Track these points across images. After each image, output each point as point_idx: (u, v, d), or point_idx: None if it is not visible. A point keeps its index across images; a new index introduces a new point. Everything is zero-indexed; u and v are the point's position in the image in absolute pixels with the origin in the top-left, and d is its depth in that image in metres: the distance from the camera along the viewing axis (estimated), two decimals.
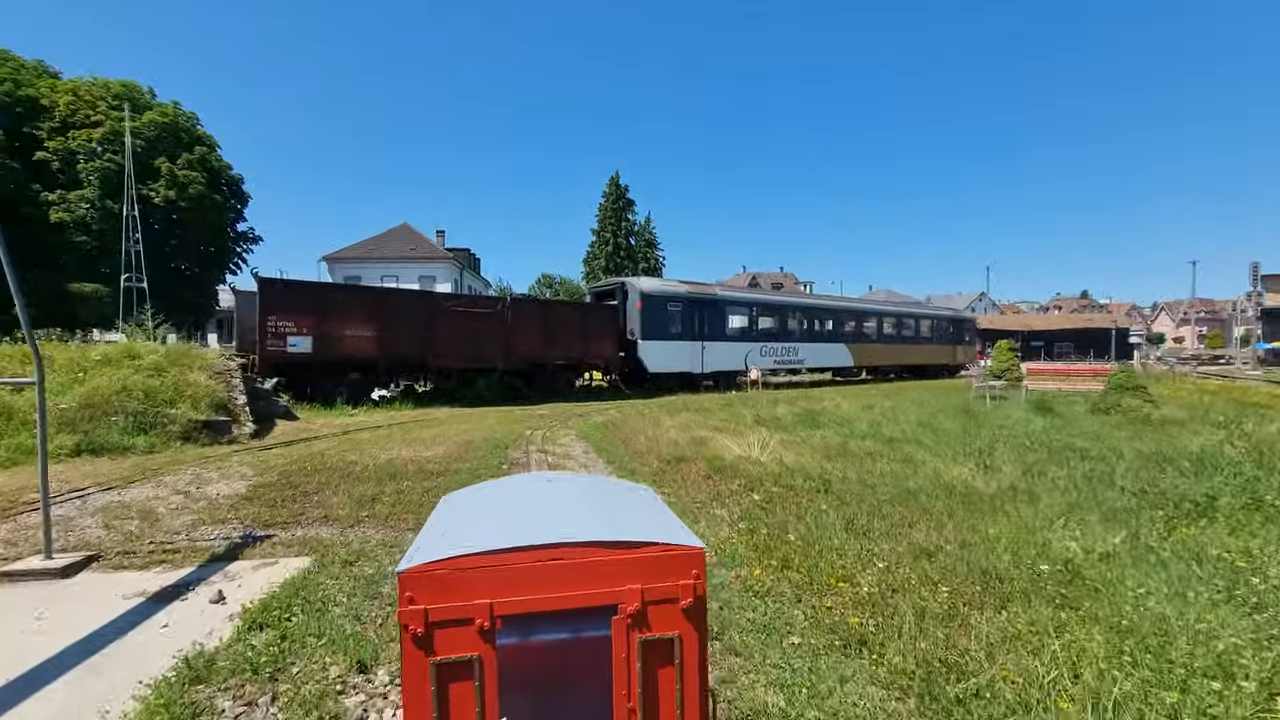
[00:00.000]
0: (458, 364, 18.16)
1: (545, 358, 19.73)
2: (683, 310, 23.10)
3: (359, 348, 16.42)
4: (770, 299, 26.53)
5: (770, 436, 9.80)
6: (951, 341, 35.01)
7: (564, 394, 20.64)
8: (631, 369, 22.42)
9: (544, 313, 19.64)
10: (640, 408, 17.08)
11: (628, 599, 1.41)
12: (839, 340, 28.76)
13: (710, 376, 24.03)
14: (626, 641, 1.41)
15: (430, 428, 12.89)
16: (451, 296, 18.17)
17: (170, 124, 43.77)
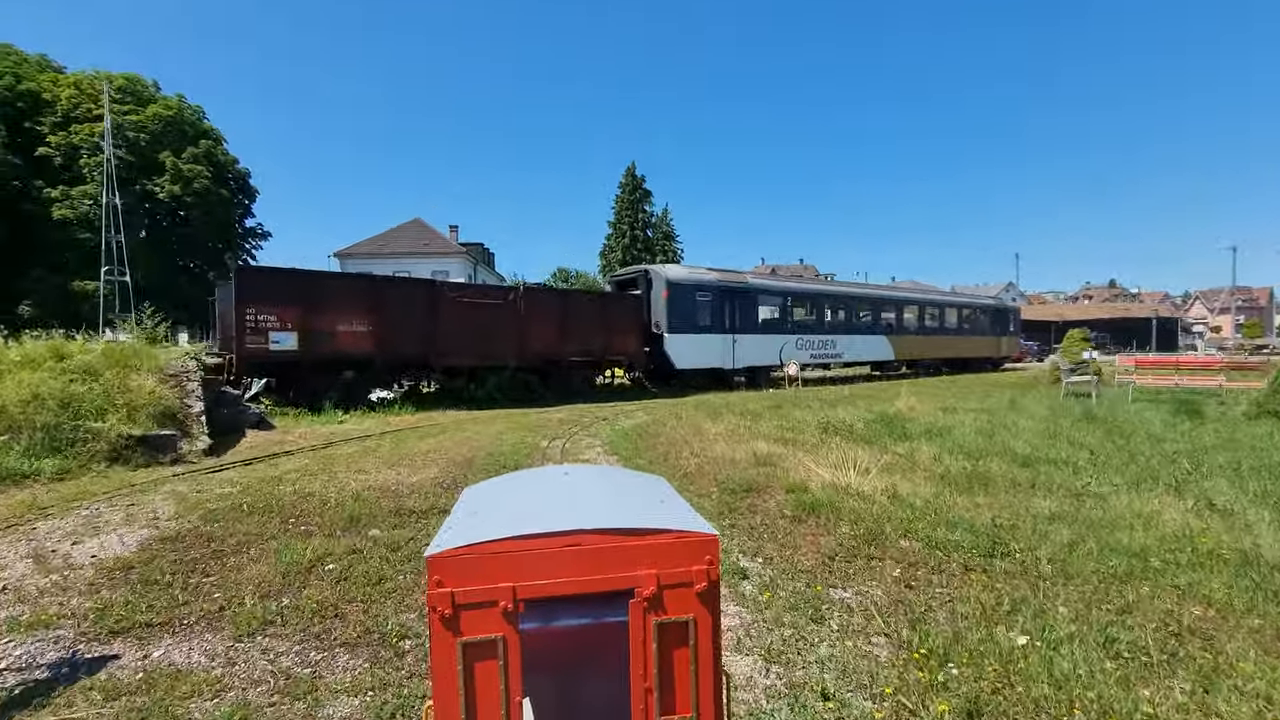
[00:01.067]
0: (465, 361, 15.96)
1: (562, 353, 17.49)
2: (712, 300, 20.74)
3: (353, 344, 14.27)
4: (807, 288, 24.12)
5: (858, 453, 7.46)
6: (995, 333, 32.27)
7: (583, 394, 18.40)
8: (657, 365, 20.13)
9: (561, 304, 17.42)
10: (673, 409, 14.78)
11: (644, 583, 1.43)
12: (878, 332, 26.23)
13: (742, 372, 21.67)
14: (643, 624, 1.43)
15: (427, 437, 10.69)
16: (457, 285, 15.98)
17: (175, 117, 42.08)
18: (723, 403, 15.58)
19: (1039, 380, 21.31)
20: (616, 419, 13.56)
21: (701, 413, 13.45)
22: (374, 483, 7.04)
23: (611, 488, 1.90)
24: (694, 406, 14.96)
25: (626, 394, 19.30)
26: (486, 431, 11.42)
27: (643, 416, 13.66)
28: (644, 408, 15.51)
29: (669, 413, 14.06)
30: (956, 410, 12.00)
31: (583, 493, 1.79)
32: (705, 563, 1.46)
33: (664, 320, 19.71)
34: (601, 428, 12.22)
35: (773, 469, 7.22)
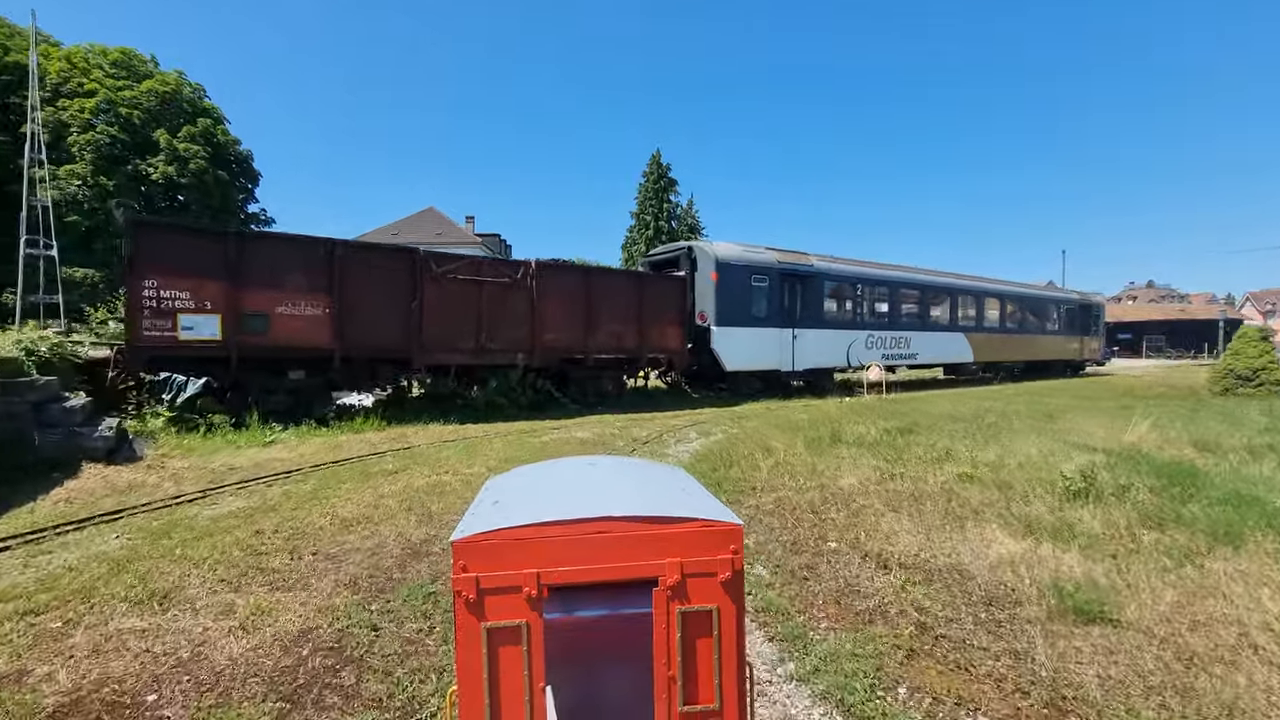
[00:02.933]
0: (458, 358, 11.84)
1: (586, 349, 13.31)
2: (770, 286, 16.44)
3: (301, 333, 10.21)
4: (883, 274, 19.66)
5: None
6: (1079, 332, 27.58)
7: (611, 401, 14.22)
8: (701, 366, 15.90)
9: (584, 285, 13.27)
10: (742, 429, 10.53)
11: (668, 572, 1.41)
12: (956, 329, 21.74)
13: (801, 375, 17.35)
14: (667, 612, 1.42)
15: (374, 479, 6.56)
16: (448, 258, 11.84)
17: (172, 94, 38.51)
18: (804, 418, 11.29)
19: (1194, 389, 16.67)
20: (665, 442, 9.36)
21: (790, 435, 9.15)
22: (110, 672, 2.90)
23: (635, 477, 1.87)
24: (771, 425, 10.68)
25: (663, 401, 15.07)
26: (473, 466, 7.27)
27: (704, 443, 9.41)
28: (695, 423, 11.28)
29: (743, 433, 9.78)
30: (1216, 445, 7.55)
31: (606, 482, 1.79)
32: (730, 552, 1.43)
33: (711, 310, 15.45)
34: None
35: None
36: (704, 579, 1.43)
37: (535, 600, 1.36)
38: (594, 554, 1.41)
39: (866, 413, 11.82)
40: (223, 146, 40.01)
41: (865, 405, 13.74)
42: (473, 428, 10.78)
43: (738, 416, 12.38)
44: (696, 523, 1.45)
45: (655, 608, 1.41)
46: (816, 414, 12.00)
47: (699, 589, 1.43)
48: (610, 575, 1.41)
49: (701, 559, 1.43)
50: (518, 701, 1.36)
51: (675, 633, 1.41)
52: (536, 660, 1.36)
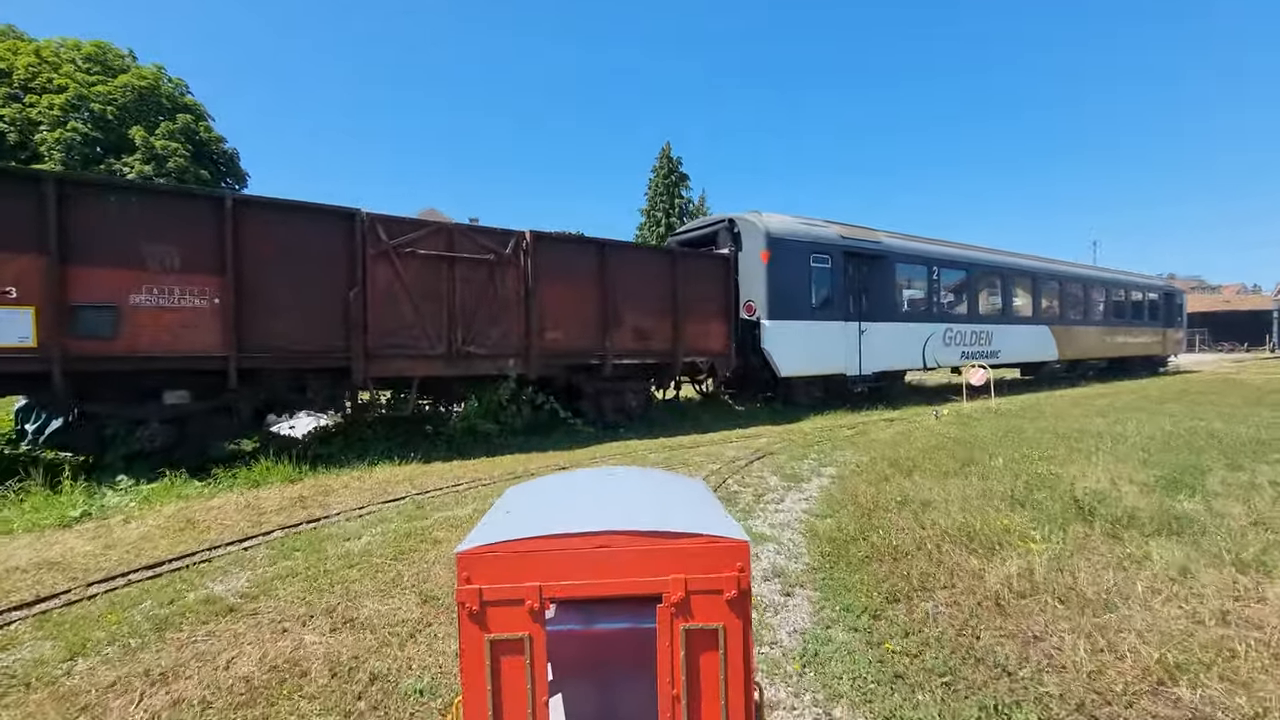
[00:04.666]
0: (423, 367, 8.18)
1: (603, 352, 9.63)
2: (832, 269, 12.70)
3: (174, 334, 6.61)
4: (962, 254, 15.79)
5: None
6: (1162, 324, 23.64)
7: (636, 419, 10.53)
8: (747, 371, 12.19)
9: (599, 265, 9.59)
10: (843, 468, 6.77)
11: (672, 588, 1.37)
12: (1040, 321, 17.91)
13: (868, 380, 13.57)
14: (670, 630, 1.37)
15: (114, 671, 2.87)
16: (405, 223, 8.18)
17: (150, 89, 35.31)
18: (921, 447, 7.51)
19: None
20: (736, 497, 5.63)
21: (952, 491, 5.37)
22: None
23: (650, 490, 1.83)
24: (887, 461, 6.88)
25: (701, 418, 11.36)
26: (406, 577, 3.60)
27: (795, 500, 5.66)
28: (759, 453, 7.55)
29: (858, 486, 5.96)
30: None
31: (619, 494, 1.74)
32: (735, 570, 1.38)
33: (762, 299, 11.73)
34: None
35: None
36: (709, 596, 1.36)
37: (538, 613, 1.34)
38: (597, 568, 1.36)
39: (1016, 438, 8.06)
40: (205, 144, 36.72)
41: (964, 414, 9.94)
42: (438, 470, 7.13)
43: (813, 442, 8.64)
44: (701, 538, 1.39)
45: (659, 624, 1.37)
46: (934, 439, 8.23)
47: (704, 606, 1.36)
48: (613, 590, 1.37)
49: (706, 576, 1.37)
50: (521, 713, 1.33)
51: (679, 651, 1.36)
52: (540, 673, 1.34)
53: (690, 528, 1.42)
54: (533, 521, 1.47)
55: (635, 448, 8.63)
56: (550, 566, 1.36)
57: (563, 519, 1.47)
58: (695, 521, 1.47)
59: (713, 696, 1.37)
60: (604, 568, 1.37)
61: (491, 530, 1.47)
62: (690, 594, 1.36)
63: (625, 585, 1.37)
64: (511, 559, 1.35)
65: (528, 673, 1.33)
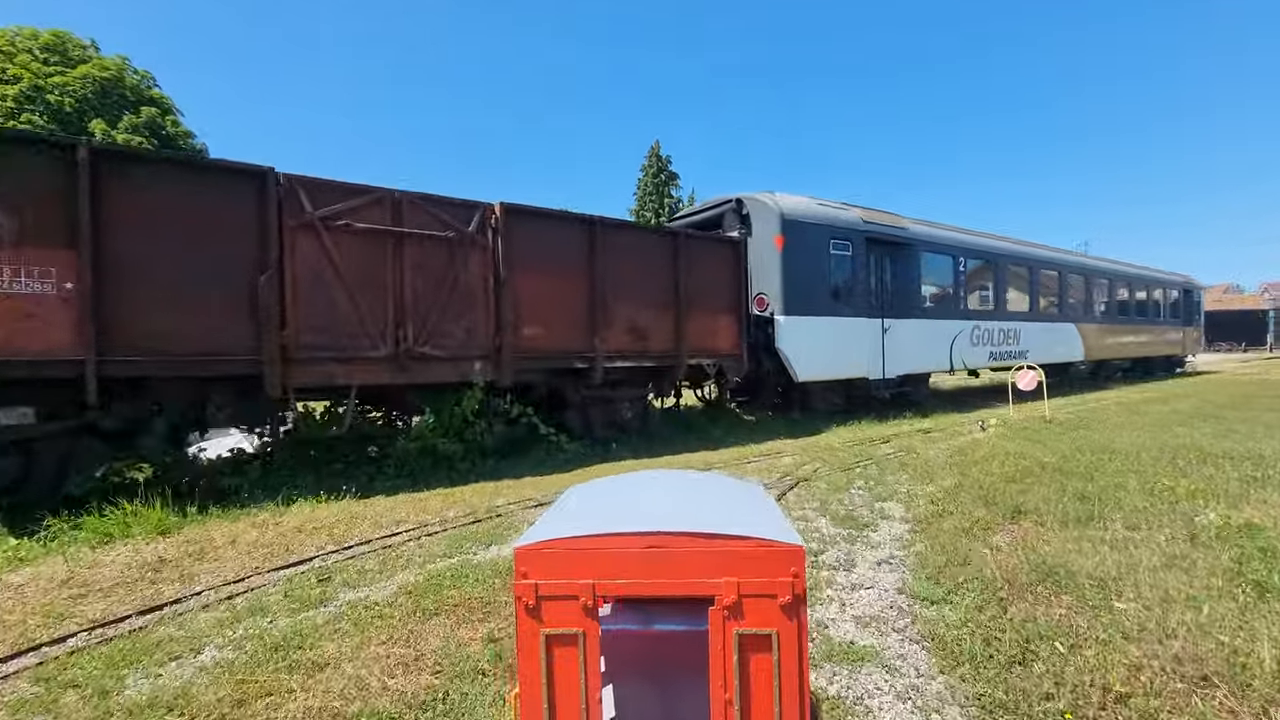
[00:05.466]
0: (362, 373, 6.35)
1: (591, 352, 7.86)
2: (853, 258, 11.03)
3: (9, 331, 4.79)
4: (989, 244, 14.09)
5: None
6: (1183, 322, 22.22)
7: (632, 434, 8.78)
8: (757, 375, 10.47)
9: (587, 248, 7.79)
10: (919, 507, 5.02)
11: (724, 591, 1.35)
12: (1066, 318, 16.36)
13: (892, 384, 11.89)
14: (723, 633, 1.35)
15: None
16: (336, 188, 6.40)
17: (113, 81, 33.20)
18: (1001, 473, 5.78)
19: None
20: None
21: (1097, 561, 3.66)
22: None
23: (706, 491, 1.78)
24: (975, 497, 5.15)
25: (709, 431, 9.61)
26: None
27: (889, 581, 3.89)
28: (789, 479, 5.81)
29: (952, 537, 4.19)
30: None
31: (676, 495, 1.71)
32: (790, 575, 1.34)
33: (776, 291, 10.03)
34: None
35: None
36: (763, 600, 1.32)
37: (591, 610, 1.33)
38: (650, 568, 1.35)
39: (1112, 459, 6.37)
40: (172, 139, 34.55)
41: (1055, 437, 8.24)
42: (376, 509, 5.34)
43: (851, 463, 6.92)
44: (754, 541, 1.36)
45: (711, 627, 1.34)
46: (1005, 459, 6.52)
47: (757, 611, 1.33)
48: (666, 590, 1.36)
49: (760, 580, 1.33)
50: (575, 706, 1.32)
51: (732, 655, 1.33)
52: (593, 667, 1.33)
53: (744, 530, 1.38)
54: (589, 519, 1.48)
55: (633, 470, 6.88)
56: (604, 564, 1.35)
57: (618, 518, 1.48)
58: (749, 524, 1.44)
59: (766, 703, 1.32)
60: (657, 568, 1.35)
61: (549, 526, 1.49)
62: (743, 597, 1.32)
63: (678, 586, 1.34)
64: (567, 555, 1.36)
65: (581, 667, 1.33)
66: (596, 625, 1.35)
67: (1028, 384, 10.24)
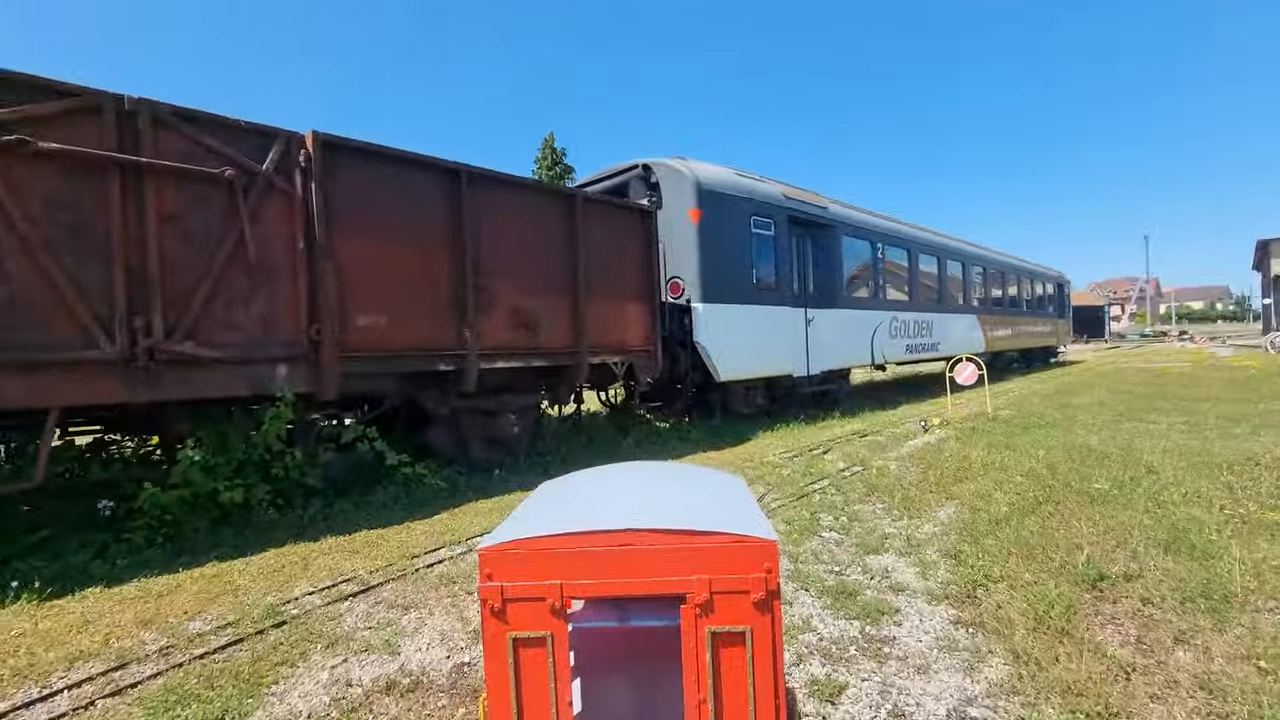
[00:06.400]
0: (65, 388, 3.96)
1: (460, 348, 5.80)
2: (777, 238, 9.68)
3: None
4: (904, 230, 13.14)
5: None
6: (1056, 314, 23.34)
7: (519, 455, 6.80)
8: (673, 375, 8.81)
9: (451, 205, 5.71)
10: (953, 563, 3.46)
11: (696, 588, 1.30)
12: (969, 310, 16.18)
13: (815, 381, 10.70)
14: (695, 631, 1.30)
15: None
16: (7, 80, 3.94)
17: None
18: (1010, 489, 4.44)
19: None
20: None
21: None
22: None
23: (681, 486, 1.71)
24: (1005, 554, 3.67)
25: (616, 445, 7.84)
26: None
27: None
28: None
29: (1026, 642, 2.62)
30: None
31: (648, 490, 1.65)
32: (763, 570, 1.29)
33: (693, 274, 8.45)
34: None
35: None
36: (735, 597, 1.28)
37: (559, 610, 1.29)
38: (620, 567, 1.31)
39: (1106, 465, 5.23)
40: None
41: (1016, 438, 7.17)
42: (68, 619, 3.04)
43: (800, 484, 5.41)
44: (726, 537, 1.31)
45: (684, 625, 1.30)
46: (989, 470, 5.23)
47: (730, 608, 1.28)
48: (636, 590, 1.32)
49: (732, 576, 1.29)
50: (544, 708, 1.29)
51: (705, 653, 1.29)
52: (562, 669, 1.30)
53: (715, 526, 1.34)
54: (557, 518, 1.42)
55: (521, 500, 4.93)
56: (572, 564, 1.30)
57: (587, 516, 1.41)
58: (721, 520, 1.39)
59: (740, 700, 1.28)
60: (627, 566, 1.31)
61: (515, 527, 1.43)
62: (715, 594, 1.29)
63: (649, 585, 1.31)
64: (533, 556, 1.30)
65: (550, 669, 1.28)
66: (565, 626, 1.30)
67: (967, 378, 9.34)
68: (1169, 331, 64.76)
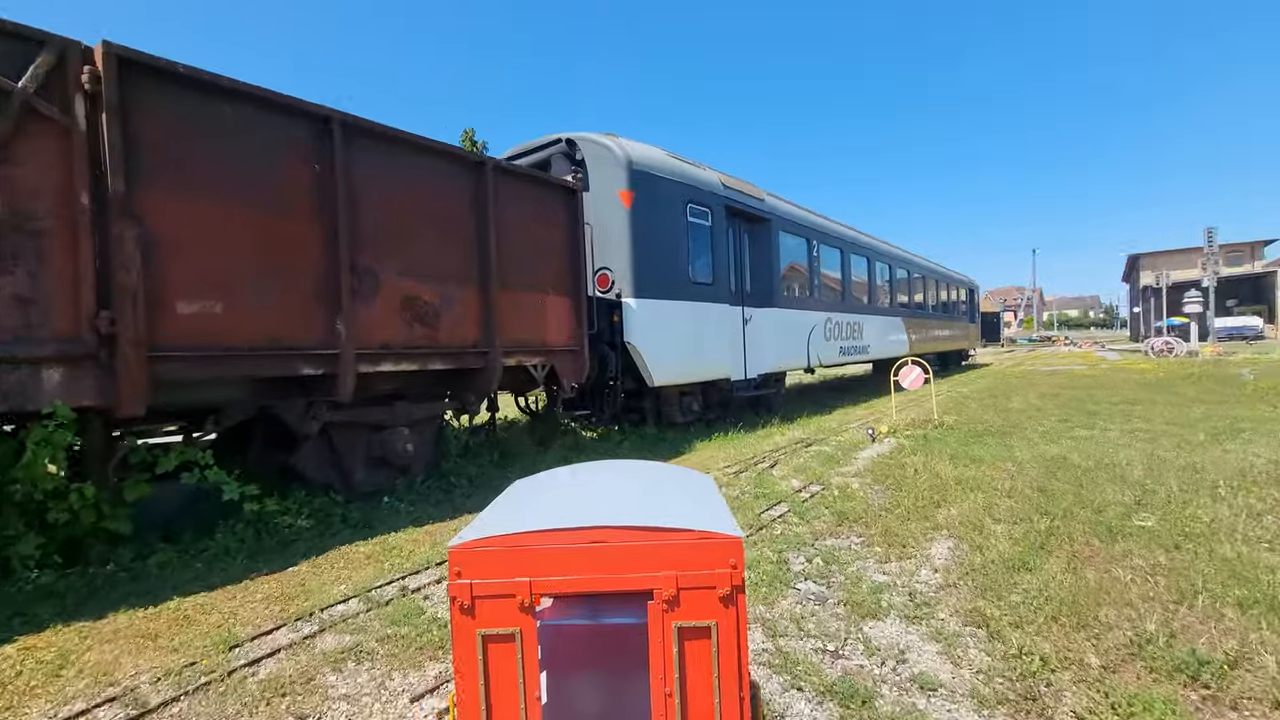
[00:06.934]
0: None
1: (331, 346, 4.56)
2: (714, 230, 8.88)
3: None
4: (837, 229, 12.69)
5: None
6: (967, 318, 24.11)
7: (416, 479, 5.58)
8: (602, 378, 7.79)
9: (316, 164, 4.49)
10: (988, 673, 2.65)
11: (663, 584, 1.31)
12: (895, 312, 16.12)
13: (752, 385, 10.00)
14: (662, 626, 1.32)
15: None
16: None
17: None
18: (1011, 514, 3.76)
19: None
20: None
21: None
22: None
23: (652, 485, 1.73)
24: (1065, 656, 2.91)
25: (535, 463, 6.75)
26: None
27: None
28: None
29: None
30: None
31: (619, 489, 1.67)
32: (728, 566, 1.30)
33: (624, 265, 7.49)
34: None
35: None
36: (701, 592, 1.29)
37: (528, 607, 1.30)
38: (588, 564, 1.31)
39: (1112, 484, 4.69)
40: None
41: (977, 448, 6.63)
42: None
43: (757, 516, 4.56)
44: (693, 534, 1.32)
45: (650, 621, 1.31)
46: (1001, 504, 4.56)
47: (696, 603, 1.30)
48: (605, 586, 1.33)
49: (698, 572, 1.30)
50: (513, 703, 1.30)
51: (671, 647, 1.30)
52: (530, 666, 1.31)
53: (682, 523, 1.34)
54: (526, 516, 1.44)
55: (404, 552, 3.78)
56: (541, 562, 1.31)
57: (556, 514, 1.42)
58: (688, 517, 1.39)
59: (705, 693, 1.30)
60: (596, 563, 1.31)
61: (484, 525, 1.43)
62: (681, 590, 1.29)
63: (617, 581, 1.32)
64: (502, 554, 1.31)
65: (519, 665, 1.30)
66: (533, 622, 1.30)
67: (912, 382, 8.88)
68: (1053, 336, 70.48)
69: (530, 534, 1.32)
